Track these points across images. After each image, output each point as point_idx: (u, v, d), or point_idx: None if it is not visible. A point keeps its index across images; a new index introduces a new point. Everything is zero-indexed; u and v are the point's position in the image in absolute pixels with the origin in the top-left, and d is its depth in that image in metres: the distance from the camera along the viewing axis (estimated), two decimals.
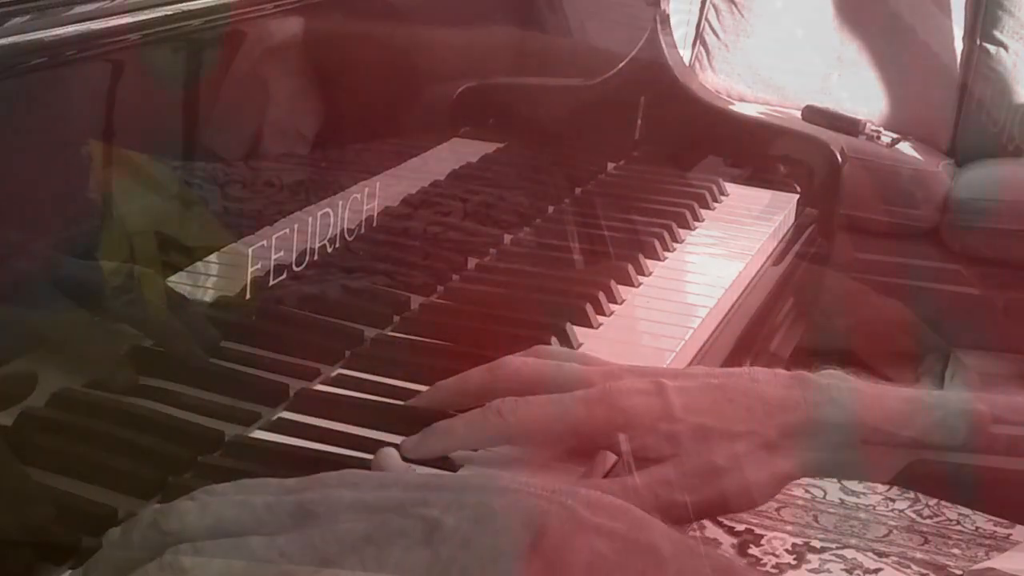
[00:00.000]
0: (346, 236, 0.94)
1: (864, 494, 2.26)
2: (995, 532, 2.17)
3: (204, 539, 0.55)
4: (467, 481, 0.62)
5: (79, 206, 0.75)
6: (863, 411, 0.76)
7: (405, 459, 0.74)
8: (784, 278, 1.23)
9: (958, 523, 2.20)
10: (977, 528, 2.19)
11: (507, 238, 1.14)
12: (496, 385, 0.77)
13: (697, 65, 3.10)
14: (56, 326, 0.71)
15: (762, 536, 2.13)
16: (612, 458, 0.77)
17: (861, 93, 3.06)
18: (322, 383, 0.85)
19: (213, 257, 0.82)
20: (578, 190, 1.30)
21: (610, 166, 1.39)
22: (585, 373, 0.78)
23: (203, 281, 0.82)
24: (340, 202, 0.93)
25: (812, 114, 2.83)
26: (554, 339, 0.93)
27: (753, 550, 2.08)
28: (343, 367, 0.87)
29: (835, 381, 0.77)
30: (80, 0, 0.72)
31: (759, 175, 1.42)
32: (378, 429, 0.78)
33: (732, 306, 1.10)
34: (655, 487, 0.72)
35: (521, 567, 0.55)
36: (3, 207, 0.68)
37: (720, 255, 1.21)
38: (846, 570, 2.04)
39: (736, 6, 3.13)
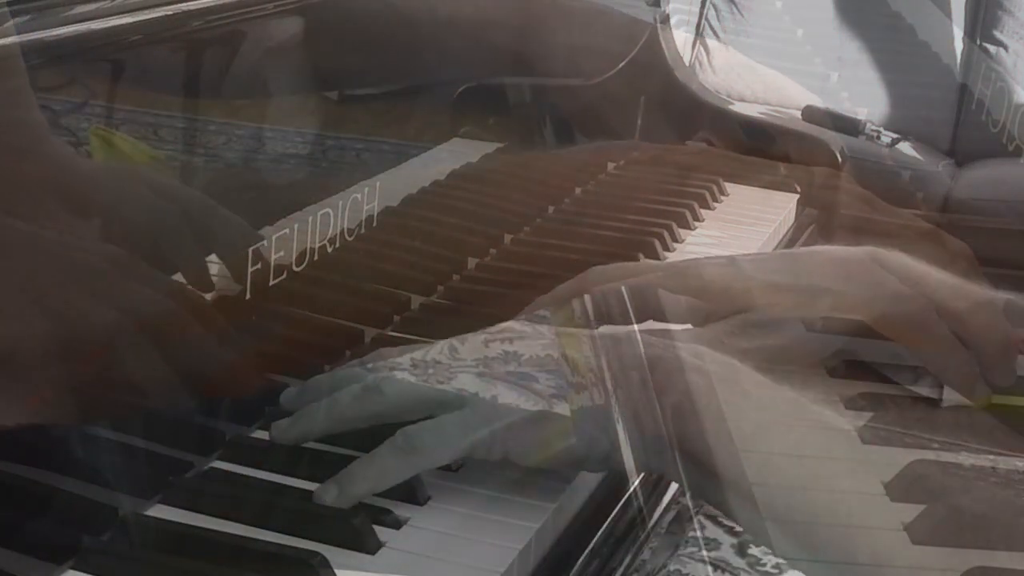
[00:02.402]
0: (346, 236, 0.94)
1: None
2: None
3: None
4: None
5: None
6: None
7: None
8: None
9: None
10: None
11: (507, 238, 1.14)
12: (585, 286, 0.85)
13: (697, 65, 3.10)
14: None
15: None
16: None
17: (861, 93, 3.06)
18: None
19: (213, 257, 0.82)
20: (578, 190, 1.30)
21: (610, 166, 1.39)
22: (668, 262, 0.89)
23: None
24: (340, 202, 0.93)
25: (812, 114, 2.83)
26: None
27: (753, 550, 2.08)
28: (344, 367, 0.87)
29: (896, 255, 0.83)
30: (80, 0, 0.72)
31: (759, 175, 1.42)
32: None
33: None
34: (723, 334, 0.80)
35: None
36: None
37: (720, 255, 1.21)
38: None
39: (736, 6, 3.13)
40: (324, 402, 0.76)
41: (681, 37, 2.98)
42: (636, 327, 0.79)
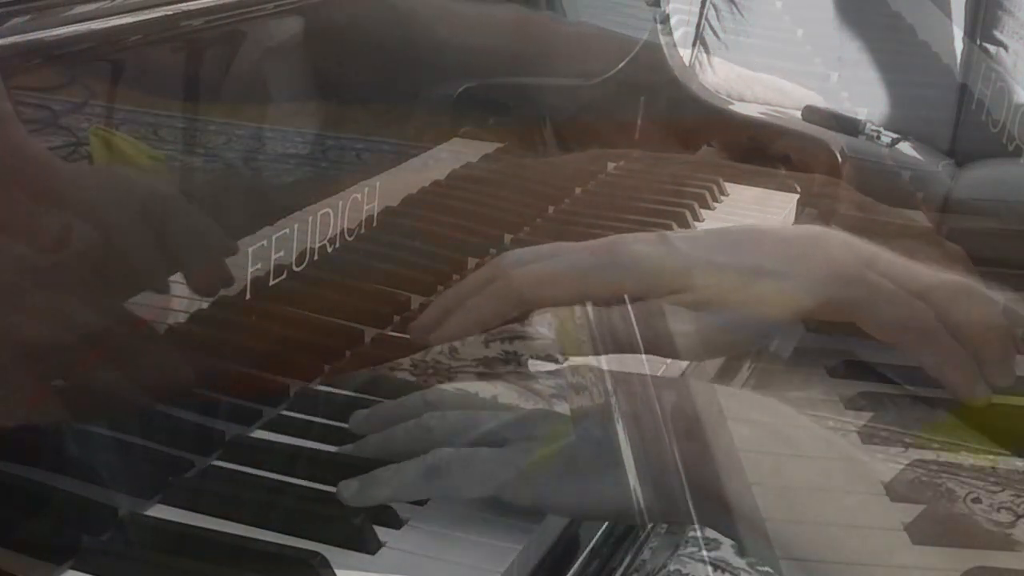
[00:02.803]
0: (346, 236, 0.94)
1: None
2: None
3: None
4: None
5: None
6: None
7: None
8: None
9: None
10: None
11: (507, 238, 1.14)
12: (500, 272, 0.78)
13: (697, 65, 3.10)
14: None
15: None
16: None
17: (861, 93, 3.06)
18: (322, 384, 0.86)
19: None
20: (578, 190, 1.30)
21: (610, 166, 1.39)
22: (591, 241, 0.80)
23: None
24: (340, 202, 0.93)
25: (812, 114, 2.83)
26: None
27: None
28: (344, 367, 0.88)
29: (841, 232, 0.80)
30: (80, 0, 0.72)
31: (759, 175, 1.42)
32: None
33: None
34: (651, 317, 0.74)
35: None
36: None
37: None
38: None
39: (736, 6, 3.13)
40: (378, 438, 0.75)
41: (681, 37, 2.99)
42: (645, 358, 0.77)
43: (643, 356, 0.77)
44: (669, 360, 0.82)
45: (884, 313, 0.77)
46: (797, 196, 1.38)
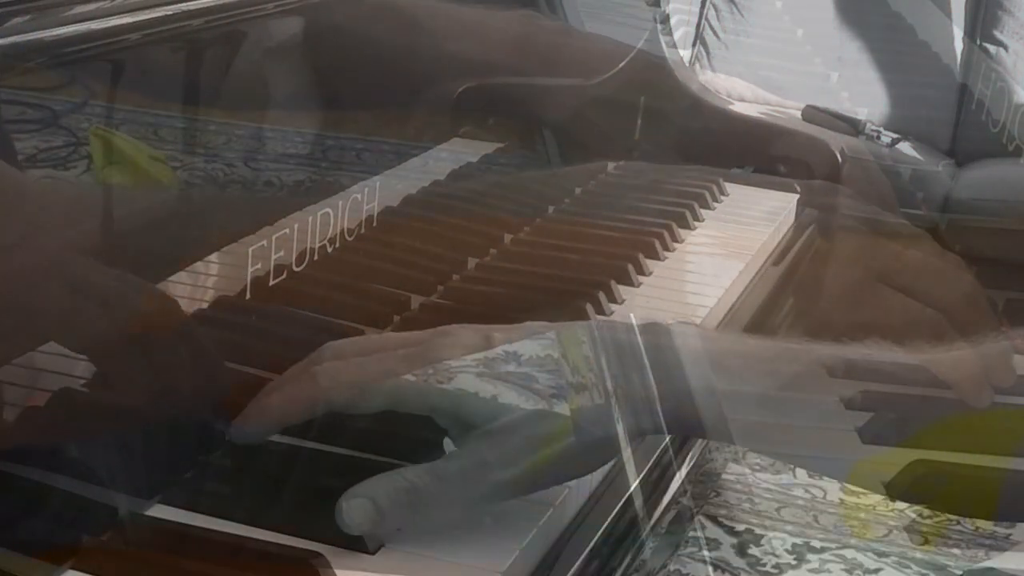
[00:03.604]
0: (346, 236, 0.94)
1: (864, 494, 2.26)
2: (995, 532, 2.17)
3: None
4: None
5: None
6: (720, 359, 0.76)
7: (235, 445, 0.72)
8: (784, 278, 1.23)
9: (958, 523, 2.20)
10: (977, 528, 2.19)
11: (507, 238, 1.14)
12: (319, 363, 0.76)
13: (697, 65, 3.10)
14: None
15: (762, 536, 2.13)
16: None
17: (861, 93, 3.06)
18: None
19: (213, 257, 0.82)
20: (578, 190, 1.30)
21: (610, 166, 1.39)
22: (414, 335, 0.77)
23: (203, 281, 0.82)
24: (340, 202, 0.93)
25: (812, 114, 2.83)
26: None
27: (753, 550, 2.08)
28: None
29: (683, 328, 0.77)
30: (80, 0, 0.72)
31: (759, 175, 1.42)
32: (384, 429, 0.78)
33: (732, 306, 1.10)
34: (471, 468, 0.71)
35: None
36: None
37: (720, 255, 1.21)
38: (846, 570, 2.04)
39: (736, 6, 3.13)
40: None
41: (681, 37, 2.99)
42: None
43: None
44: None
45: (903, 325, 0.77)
46: (797, 196, 1.38)
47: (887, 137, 2.88)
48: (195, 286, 0.82)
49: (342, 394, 0.73)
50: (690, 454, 0.91)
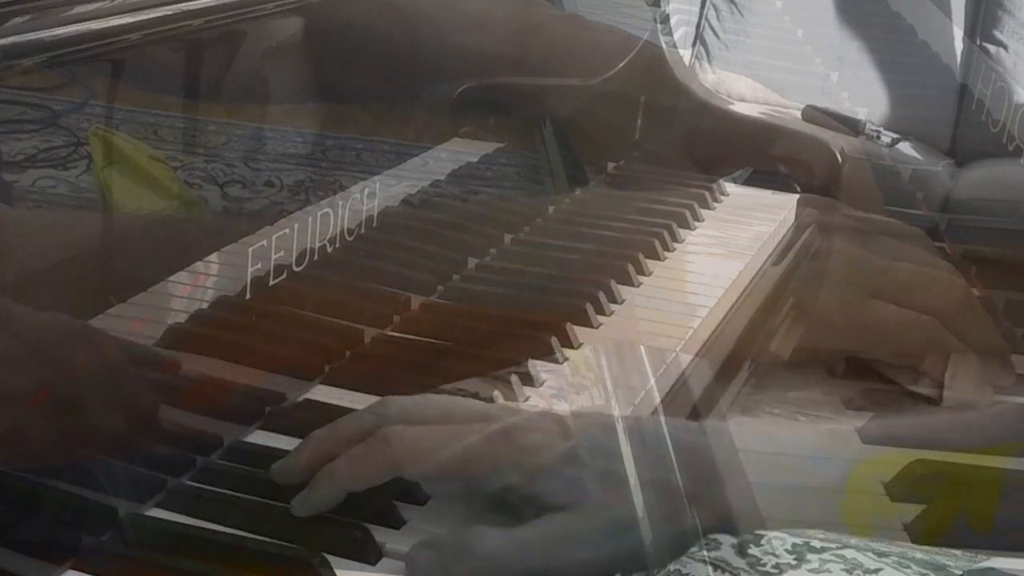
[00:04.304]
0: (346, 236, 0.94)
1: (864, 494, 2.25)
2: None
3: None
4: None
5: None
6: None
7: (295, 517, 0.69)
8: (784, 278, 1.23)
9: (959, 524, 2.19)
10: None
11: (507, 238, 1.14)
12: (381, 424, 0.70)
13: (697, 65, 3.10)
14: None
15: (762, 536, 2.13)
16: None
17: (861, 93, 3.06)
18: (322, 383, 0.85)
19: (213, 257, 0.82)
20: (578, 190, 1.30)
21: (610, 166, 1.39)
22: (483, 407, 0.73)
23: (203, 281, 0.82)
24: (340, 202, 0.93)
25: (812, 114, 2.82)
26: (554, 338, 0.93)
27: (753, 550, 2.07)
28: (344, 367, 0.87)
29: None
30: (80, 0, 0.72)
31: (759, 175, 1.42)
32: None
33: (732, 306, 1.10)
34: (550, 543, 0.67)
35: None
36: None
37: (720, 255, 1.21)
38: (846, 570, 2.04)
39: (736, 6, 3.13)
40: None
41: (681, 37, 2.99)
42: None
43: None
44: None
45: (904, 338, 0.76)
46: (797, 196, 1.38)
47: (887, 137, 2.88)
48: (195, 286, 0.82)
49: (415, 464, 0.69)
50: None
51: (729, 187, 1.38)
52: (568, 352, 0.93)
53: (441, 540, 0.66)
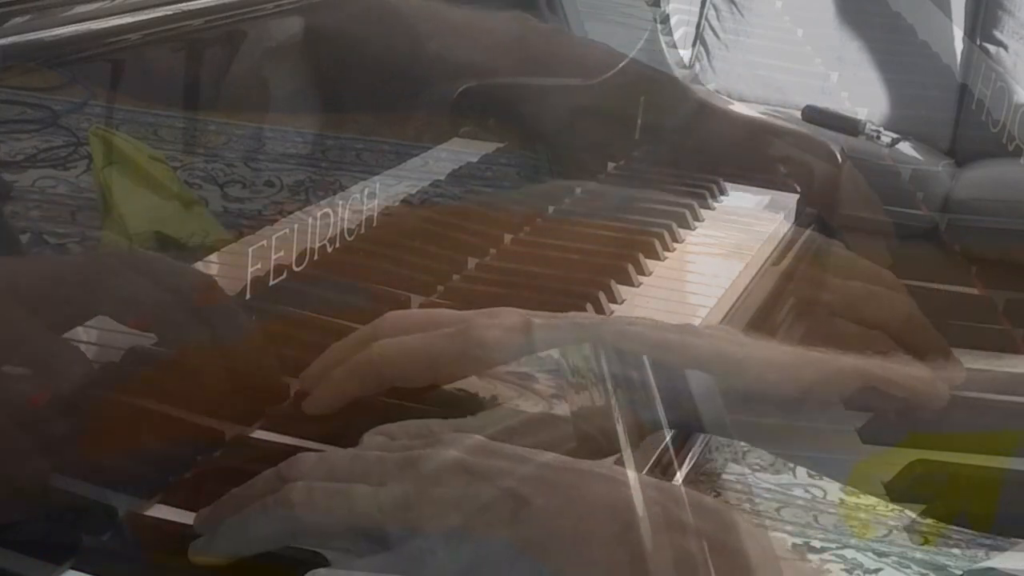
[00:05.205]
0: (346, 236, 0.94)
1: (864, 494, 2.26)
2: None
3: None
4: (567, 463, 0.62)
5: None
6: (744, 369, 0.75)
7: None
8: (784, 278, 1.23)
9: (959, 522, 2.19)
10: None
11: (507, 238, 1.14)
12: (378, 335, 0.78)
13: (697, 65, 3.10)
14: None
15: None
16: None
17: (861, 93, 3.06)
18: None
19: (213, 257, 0.82)
20: (578, 190, 1.30)
21: (610, 166, 1.39)
22: (464, 313, 0.78)
23: None
24: (340, 202, 0.93)
25: (812, 114, 2.83)
26: None
27: None
28: None
29: (720, 332, 0.77)
30: (80, 0, 0.72)
31: (759, 175, 1.42)
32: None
33: (732, 306, 1.10)
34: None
35: (604, 556, 0.55)
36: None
37: (720, 255, 1.21)
38: (846, 570, 2.04)
39: (736, 6, 3.13)
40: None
41: (681, 37, 3.00)
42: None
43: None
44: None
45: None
46: (797, 196, 1.38)
47: (887, 137, 2.88)
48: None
49: (392, 371, 0.75)
50: (690, 454, 0.91)
51: (729, 187, 1.38)
52: None
53: None
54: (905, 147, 2.91)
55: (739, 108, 1.61)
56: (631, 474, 0.60)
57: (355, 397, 0.76)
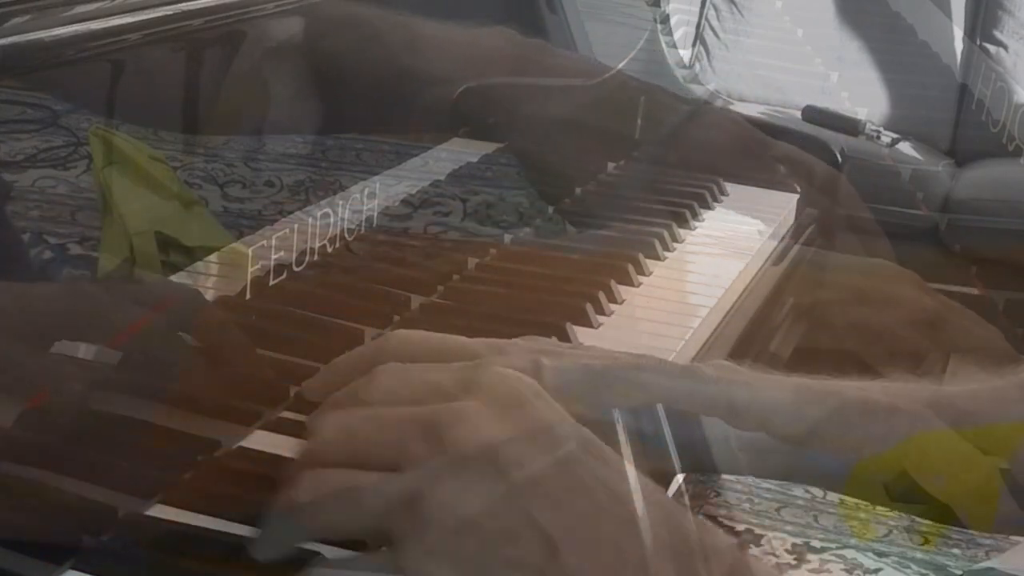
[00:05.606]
0: (346, 236, 0.94)
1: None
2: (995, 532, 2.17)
3: None
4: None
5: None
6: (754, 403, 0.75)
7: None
8: (784, 278, 1.23)
9: (958, 523, 2.19)
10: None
11: (507, 238, 1.14)
12: (382, 357, 0.73)
13: (697, 65, 3.10)
14: None
15: (762, 536, 2.13)
16: None
17: (861, 93, 3.06)
18: None
19: (213, 257, 0.82)
20: (578, 190, 1.30)
21: (610, 166, 1.39)
22: (470, 345, 0.75)
23: (203, 281, 0.82)
24: (340, 202, 0.93)
25: (812, 114, 2.83)
26: (554, 339, 0.93)
27: (753, 550, 2.07)
28: None
29: (725, 373, 0.76)
30: (80, 0, 0.72)
31: (759, 175, 1.42)
32: None
33: (732, 306, 1.10)
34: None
35: None
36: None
37: (720, 255, 1.21)
38: (846, 570, 2.04)
39: (736, 6, 3.13)
40: None
41: (681, 37, 2.99)
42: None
43: None
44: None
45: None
46: (797, 196, 1.38)
47: (887, 137, 2.88)
48: (195, 286, 0.82)
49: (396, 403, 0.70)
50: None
51: (729, 187, 1.38)
52: None
53: None
54: (905, 147, 2.91)
55: (739, 108, 1.61)
56: (641, 505, 0.60)
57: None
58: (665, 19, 1.48)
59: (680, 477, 0.87)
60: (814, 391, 0.76)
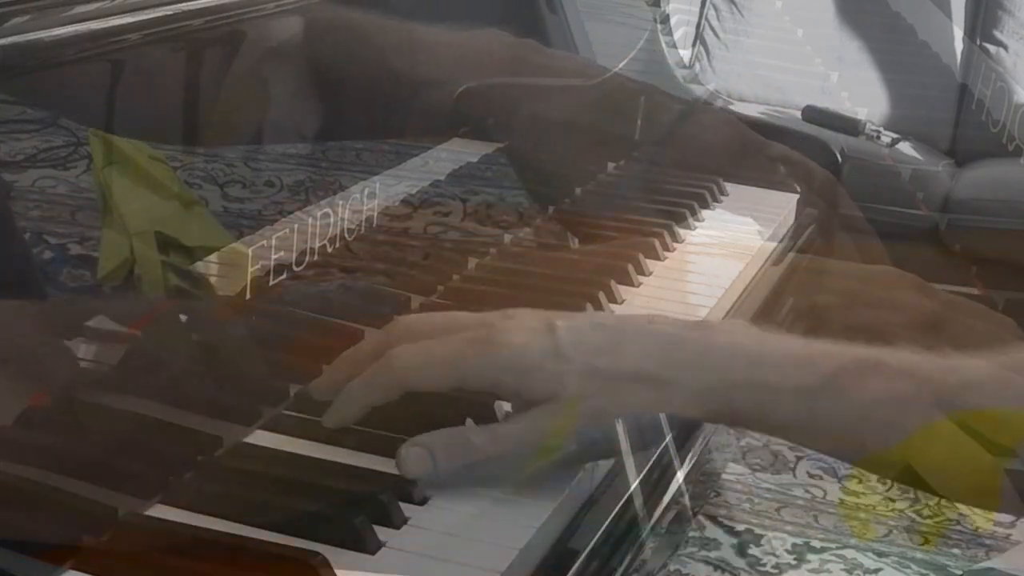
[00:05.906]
0: (346, 236, 0.94)
1: (864, 494, 2.26)
2: (995, 532, 2.17)
3: None
4: None
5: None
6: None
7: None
8: (784, 278, 1.23)
9: (958, 523, 2.20)
10: (977, 528, 2.19)
11: (507, 238, 1.14)
12: (390, 343, 0.76)
13: (697, 65, 3.10)
14: None
15: (762, 536, 2.13)
16: None
17: (861, 93, 3.06)
18: None
19: (213, 257, 0.83)
20: (578, 190, 1.30)
21: (610, 166, 1.39)
22: (477, 316, 0.77)
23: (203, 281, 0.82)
24: (340, 202, 0.93)
25: (812, 114, 2.83)
26: None
27: (753, 550, 2.08)
28: None
29: (738, 327, 0.77)
30: (80, 0, 0.73)
31: (759, 175, 1.42)
32: (381, 429, 0.78)
33: (732, 306, 1.10)
34: (529, 435, 0.73)
35: None
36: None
37: (720, 255, 1.21)
38: (846, 570, 2.04)
39: (736, 6, 3.13)
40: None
41: (681, 37, 2.99)
42: None
43: None
44: None
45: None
46: (797, 196, 1.38)
47: (887, 137, 2.88)
48: (195, 286, 0.82)
49: (415, 378, 0.75)
50: (690, 454, 0.91)
51: (729, 187, 1.38)
52: None
53: (431, 437, 0.73)
54: (905, 147, 2.91)
55: (739, 108, 1.61)
56: None
57: (375, 406, 0.76)
58: (665, 19, 1.48)
59: (680, 477, 0.87)
60: (828, 346, 0.76)
